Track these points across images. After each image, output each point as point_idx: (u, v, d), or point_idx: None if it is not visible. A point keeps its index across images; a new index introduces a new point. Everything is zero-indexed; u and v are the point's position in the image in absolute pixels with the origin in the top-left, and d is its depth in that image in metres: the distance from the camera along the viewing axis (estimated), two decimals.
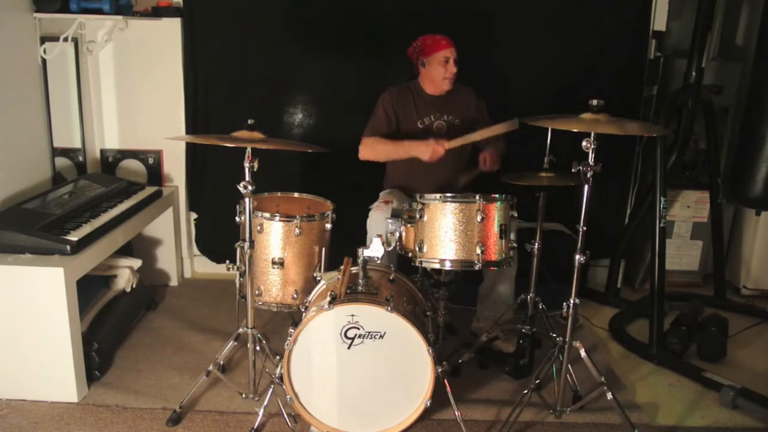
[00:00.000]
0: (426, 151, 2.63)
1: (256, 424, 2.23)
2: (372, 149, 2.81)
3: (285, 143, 2.62)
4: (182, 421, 2.29)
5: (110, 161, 3.42)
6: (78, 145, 3.25)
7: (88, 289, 2.71)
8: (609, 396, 2.23)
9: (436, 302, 2.48)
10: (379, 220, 2.62)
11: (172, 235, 3.43)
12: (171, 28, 3.25)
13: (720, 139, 3.47)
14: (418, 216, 2.30)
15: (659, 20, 3.33)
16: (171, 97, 3.34)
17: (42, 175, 2.99)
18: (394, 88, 2.92)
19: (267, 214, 2.41)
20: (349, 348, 2.12)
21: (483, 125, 2.86)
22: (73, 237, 2.40)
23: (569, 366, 2.32)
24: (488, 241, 2.25)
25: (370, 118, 2.89)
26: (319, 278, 2.38)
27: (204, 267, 3.68)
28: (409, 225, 2.38)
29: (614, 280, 3.52)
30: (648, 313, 2.91)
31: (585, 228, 2.13)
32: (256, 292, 2.43)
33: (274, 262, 2.42)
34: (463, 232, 2.24)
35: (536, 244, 2.60)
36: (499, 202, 2.27)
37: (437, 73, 2.81)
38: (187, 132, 3.36)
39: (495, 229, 2.26)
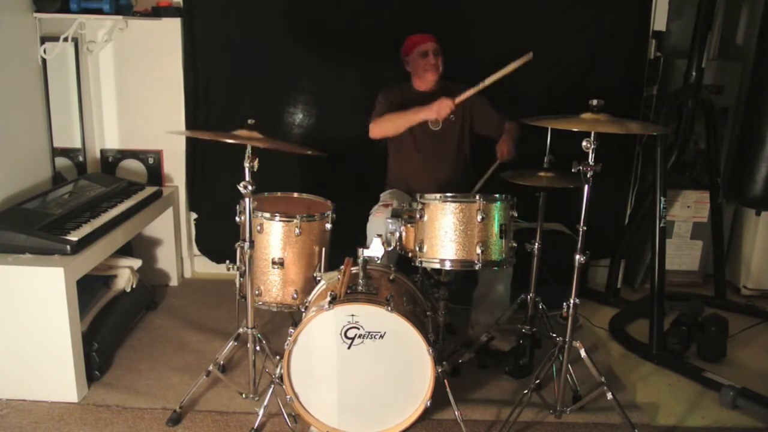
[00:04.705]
0: (432, 110, 2.65)
1: (256, 424, 2.23)
2: (381, 126, 2.79)
3: (282, 145, 2.56)
4: (182, 421, 2.29)
5: (110, 161, 3.42)
6: (78, 145, 3.25)
7: (88, 289, 2.71)
8: (609, 396, 2.23)
9: (436, 302, 2.48)
10: (379, 225, 2.62)
11: (172, 235, 3.43)
12: (171, 28, 3.25)
13: (720, 139, 3.47)
14: (418, 216, 2.30)
15: (659, 20, 3.34)
16: (171, 97, 3.34)
17: (42, 175, 2.99)
18: (390, 87, 2.95)
19: (267, 214, 2.41)
20: (349, 348, 2.12)
21: (487, 113, 2.90)
22: (73, 237, 2.40)
23: (569, 366, 2.32)
24: (488, 241, 2.25)
25: (375, 108, 2.91)
26: (319, 278, 2.38)
27: (204, 267, 3.68)
28: (409, 225, 2.38)
29: (614, 280, 3.52)
30: (648, 313, 2.92)
31: (585, 228, 2.13)
32: (256, 292, 2.43)
33: (274, 262, 2.42)
34: (463, 232, 2.24)
35: (536, 244, 2.60)
36: (499, 202, 2.27)
37: (418, 67, 2.87)
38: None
39: (495, 229, 2.26)
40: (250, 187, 2.10)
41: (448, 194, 2.27)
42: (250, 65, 3.33)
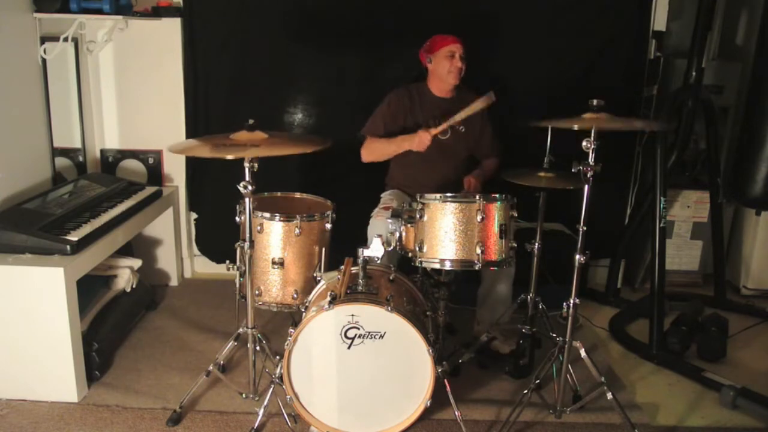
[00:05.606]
0: (414, 142, 2.68)
1: (256, 424, 2.23)
2: (370, 151, 2.88)
3: (282, 146, 2.48)
4: (182, 421, 2.29)
5: (110, 161, 3.42)
6: (78, 145, 3.25)
7: (88, 289, 2.71)
8: (609, 396, 2.23)
9: (436, 302, 2.47)
10: (380, 227, 2.61)
11: (172, 235, 3.43)
12: (171, 28, 3.25)
13: (720, 139, 3.47)
14: (418, 216, 2.30)
15: (659, 20, 3.33)
16: (171, 97, 3.34)
17: (42, 175, 2.99)
18: (401, 90, 2.89)
19: (267, 214, 2.41)
20: (349, 348, 2.12)
21: (485, 141, 2.93)
22: (73, 237, 2.40)
23: (569, 366, 2.32)
24: (488, 241, 2.25)
25: (372, 115, 2.89)
26: (319, 278, 2.38)
27: (204, 267, 3.68)
28: (409, 225, 2.37)
29: (614, 280, 3.52)
30: (648, 313, 2.92)
31: (585, 228, 2.13)
32: (256, 292, 2.43)
33: (274, 262, 2.42)
34: (463, 232, 2.24)
35: (536, 244, 2.60)
36: (499, 202, 2.27)
37: (443, 68, 2.79)
38: (188, 132, 3.36)
39: (495, 229, 2.26)
40: (250, 187, 2.10)
41: (448, 194, 2.27)
42: (250, 65, 3.33)
